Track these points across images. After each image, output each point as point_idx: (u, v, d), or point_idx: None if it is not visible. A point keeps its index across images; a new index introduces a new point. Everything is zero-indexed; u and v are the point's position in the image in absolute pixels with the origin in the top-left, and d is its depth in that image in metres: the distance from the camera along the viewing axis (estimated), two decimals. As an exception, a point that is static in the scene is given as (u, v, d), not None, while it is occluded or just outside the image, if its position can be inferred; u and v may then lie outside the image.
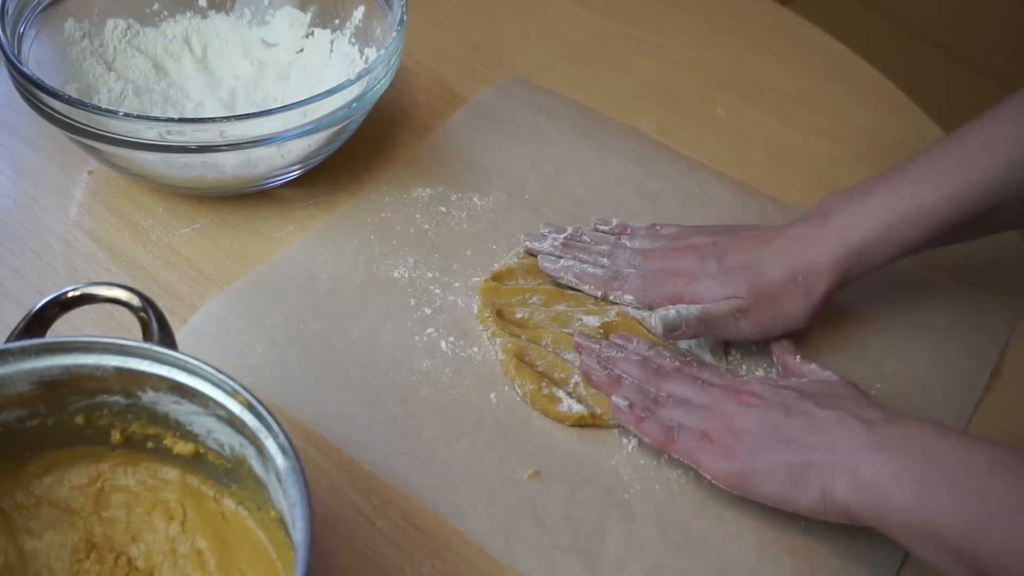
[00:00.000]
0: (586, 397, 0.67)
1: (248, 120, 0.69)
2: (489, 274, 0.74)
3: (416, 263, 0.74)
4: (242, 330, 0.69)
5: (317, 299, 0.71)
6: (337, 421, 0.65)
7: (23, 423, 0.53)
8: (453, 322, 0.71)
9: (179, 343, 0.67)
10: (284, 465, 0.47)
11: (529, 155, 0.83)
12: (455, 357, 0.69)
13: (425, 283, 0.73)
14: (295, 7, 0.85)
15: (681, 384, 0.65)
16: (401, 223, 0.77)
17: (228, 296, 0.71)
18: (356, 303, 0.71)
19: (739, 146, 0.87)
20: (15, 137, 0.81)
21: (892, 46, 1.74)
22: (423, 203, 0.79)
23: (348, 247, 0.75)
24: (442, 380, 0.68)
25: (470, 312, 0.72)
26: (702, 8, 1.01)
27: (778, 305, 0.68)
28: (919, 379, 0.71)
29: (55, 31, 0.78)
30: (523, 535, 0.61)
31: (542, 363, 0.68)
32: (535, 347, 0.69)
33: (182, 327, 0.68)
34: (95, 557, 0.54)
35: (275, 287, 0.72)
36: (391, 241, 0.76)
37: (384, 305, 0.72)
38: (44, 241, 0.74)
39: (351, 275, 0.73)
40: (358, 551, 0.60)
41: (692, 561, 0.60)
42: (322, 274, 0.73)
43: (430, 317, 0.71)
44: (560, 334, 0.70)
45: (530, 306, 0.72)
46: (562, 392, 0.67)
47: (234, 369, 0.66)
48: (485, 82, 0.90)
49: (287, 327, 0.69)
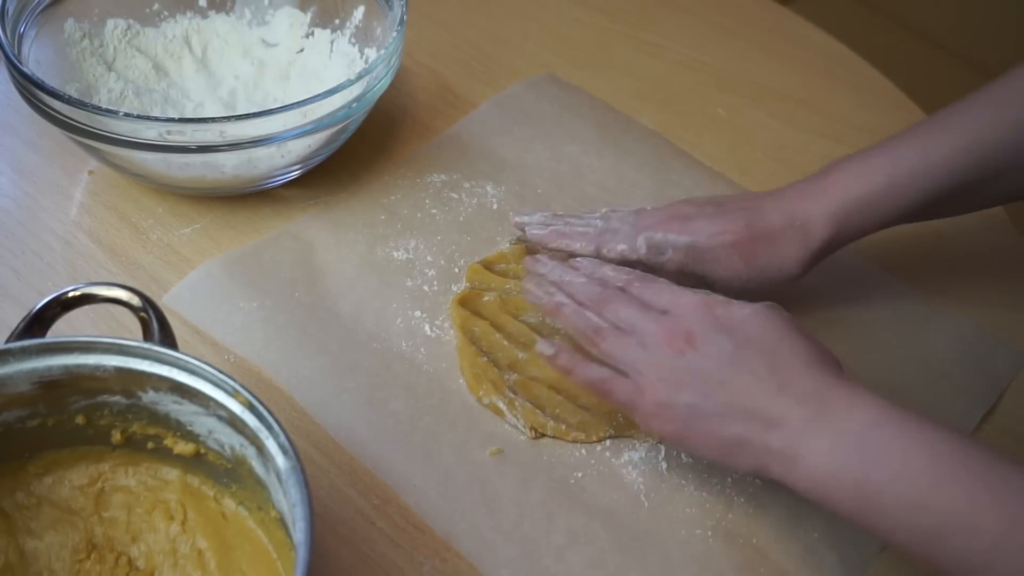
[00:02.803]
0: (533, 410, 0.66)
1: (248, 120, 0.69)
2: (481, 259, 0.74)
3: (417, 246, 0.75)
4: (234, 291, 0.70)
5: (312, 272, 0.73)
6: (309, 385, 0.66)
7: (23, 423, 0.53)
8: (442, 306, 0.72)
9: (172, 296, 0.69)
10: (285, 465, 0.47)
11: (549, 151, 0.84)
12: (436, 339, 0.70)
13: (423, 266, 0.74)
14: (295, 7, 0.85)
15: (622, 308, 0.62)
16: (409, 207, 0.78)
17: (227, 258, 0.72)
18: (350, 280, 0.72)
19: (739, 146, 0.87)
20: (15, 137, 0.81)
21: (892, 46, 1.74)
22: (435, 188, 0.79)
23: (353, 226, 0.76)
24: (417, 359, 0.68)
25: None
26: (702, 8, 1.01)
27: (774, 245, 0.66)
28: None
29: (55, 31, 0.78)
30: (469, 515, 0.61)
31: (499, 355, 0.68)
32: (490, 339, 0.69)
33: (178, 283, 0.70)
34: (96, 557, 0.54)
35: (274, 257, 0.73)
36: (396, 224, 0.76)
37: (377, 284, 0.72)
38: (44, 241, 0.74)
39: (350, 254, 0.74)
40: (358, 551, 0.60)
41: (633, 562, 0.60)
42: (322, 249, 0.74)
43: (420, 299, 0.72)
44: (520, 326, 0.70)
45: (505, 292, 0.72)
46: (503, 403, 0.66)
47: (221, 326, 0.68)
48: (485, 82, 0.90)
49: (278, 294, 0.71)
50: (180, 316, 0.69)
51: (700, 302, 0.60)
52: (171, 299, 0.69)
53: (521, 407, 0.65)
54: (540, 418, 0.65)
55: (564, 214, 0.74)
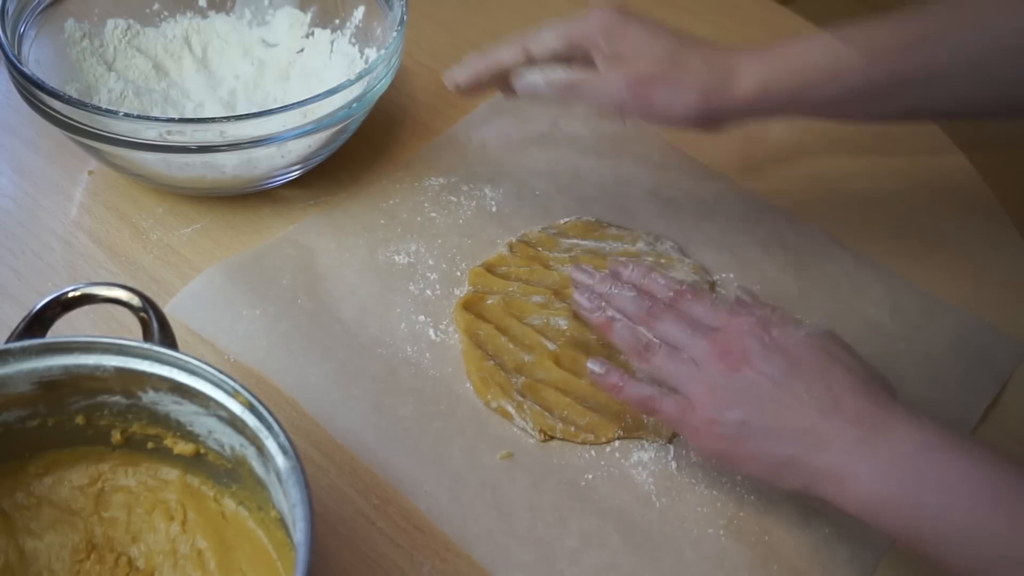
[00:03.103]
0: (542, 412, 0.65)
1: (248, 120, 0.69)
2: (482, 263, 0.74)
3: (418, 250, 0.75)
4: (236, 298, 0.70)
5: (314, 278, 0.72)
6: (316, 392, 0.66)
7: (24, 423, 0.53)
8: (445, 310, 0.71)
9: (176, 304, 0.69)
10: (285, 465, 0.47)
11: (545, 152, 0.84)
12: (442, 343, 0.70)
13: (425, 270, 0.74)
14: (295, 7, 0.85)
15: (673, 326, 0.61)
16: (409, 210, 0.78)
17: (228, 264, 0.72)
18: (352, 285, 0.72)
19: (739, 146, 0.86)
20: (15, 137, 0.81)
21: (892, 46, 1.74)
22: (434, 192, 0.79)
23: (352, 231, 0.76)
24: (423, 364, 0.68)
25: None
26: (702, 8, 1.01)
27: (679, 75, 0.64)
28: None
29: (55, 31, 0.78)
30: (481, 520, 0.61)
31: (505, 358, 0.68)
32: (496, 342, 0.69)
33: (180, 291, 0.70)
34: (95, 557, 0.54)
35: (275, 263, 0.73)
36: (396, 228, 0.76)
37: (379, 289, 0.72)
38: (44, 241, 0.74)
39: (351, 259, 0.74)
40: (358, 551, 0.59)
41: (647, 563, 0.60)
42: (323, 255, 0.74)
43: (423, 303, 0.72)
44: (525, 328, 0.70)
45: (508, 295, 0.72)
46: (512, 407, 0.66)
47: (224, 334, 0.68)
48: (485, 82, 0.90)
49: (280, 301, 0.70)
50: (184, 324, 0.68)
51: (754, 322, 0.60)
52: (174, 308, 0.69)
53: (530, 410, 0.65)
54: (549, 420, 0.65)
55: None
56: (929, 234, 0.80)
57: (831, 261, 0.77)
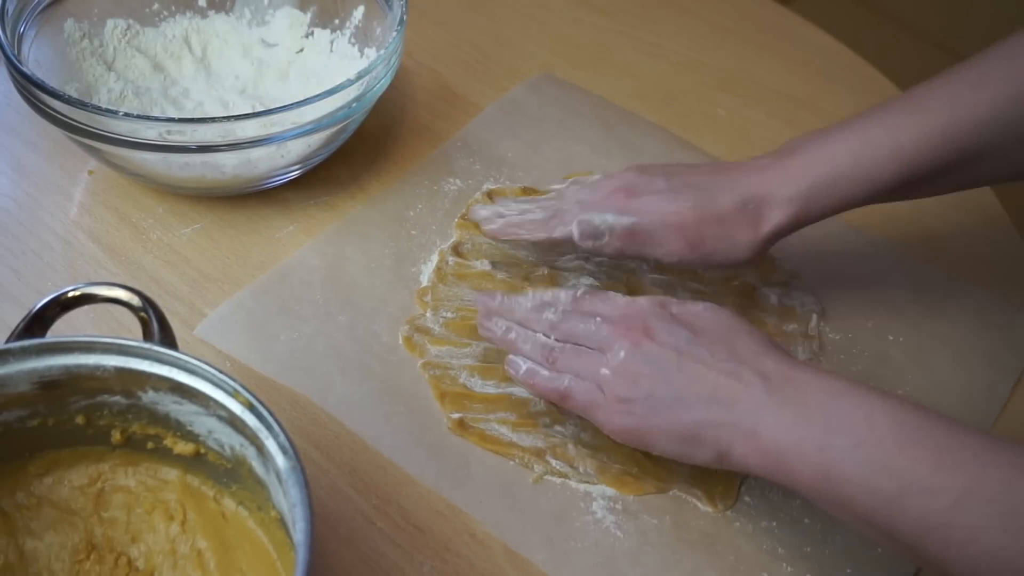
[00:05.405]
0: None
1: (248, 120, 0.69)
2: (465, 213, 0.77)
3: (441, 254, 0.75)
4: (269, 320, 0.70)
5: (343, 291, 0.72)
6: (360, 411, 0.65)
7: (23, 423, 0.53)
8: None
9: (205, 331, 0.68)
10: (284, 465, 0.47)
11: (558, 152, 0.84)
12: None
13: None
14: (295, 7, 0.85)
15: (577, 322, 0.61)
16: (428, 215, 0.78)
17: (256, 287, 0.72)
18: (382, 296, 0.72)
19: (739, 146, 0.87)
20: (15, 137, 0.81)
21: (892, 46, 1.74)
22: (452, 197, 0.79)
23: (376, 239, 0.76)
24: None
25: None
26: (702, 8, 1.01)
27: (723, 228, 0.64)
28: (940, 389, 0.70)
29: (55, 31, 0.78)
30: (539, 527, 0.61)
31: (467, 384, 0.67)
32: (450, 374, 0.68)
33: (210, 315, 0.69)
34: (95, 557, 0.54)
35: (302, 278, 0.72)
36: (420, 239, 0.76)
37: (410, 298, 0.72)
38: (44, 241, 0.74)
39: (378, 269, 0.74)
40: (358, 551, 0.60)
41: (706, 557, 0.60)
42: (349, 266, 0.74)
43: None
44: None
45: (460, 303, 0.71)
46: (506, 432, 0.65)
47: (260, 358, 0.67)
48: (485, 82, 0.90)
49: (313, 319, 0.70)
50: (214, 347, 0.68)
51: (655, 300, 0.61)
52: (203, 331, 0.68)
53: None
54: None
55: (523, 198, 0.74)
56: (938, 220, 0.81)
57: (847, 247, 0.77)
